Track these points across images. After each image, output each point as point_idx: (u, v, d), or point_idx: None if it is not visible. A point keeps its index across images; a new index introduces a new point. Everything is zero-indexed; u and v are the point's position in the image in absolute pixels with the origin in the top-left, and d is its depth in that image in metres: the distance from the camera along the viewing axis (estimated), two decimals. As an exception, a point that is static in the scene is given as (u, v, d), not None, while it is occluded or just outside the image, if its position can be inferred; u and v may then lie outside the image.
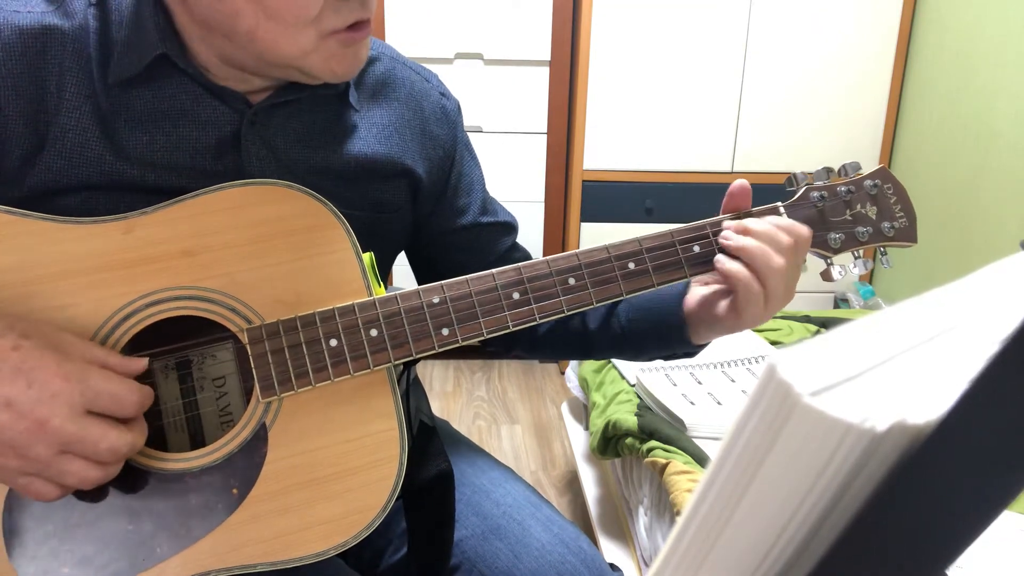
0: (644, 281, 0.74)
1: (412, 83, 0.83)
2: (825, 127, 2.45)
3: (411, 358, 0.68)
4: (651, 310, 0.82)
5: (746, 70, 2.40)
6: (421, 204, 0.84)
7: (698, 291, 0.78)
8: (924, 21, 2.34)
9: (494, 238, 0.90)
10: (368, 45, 0.71)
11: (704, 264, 0.75)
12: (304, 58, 0.66)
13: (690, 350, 0.83)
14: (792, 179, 0.79)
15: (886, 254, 0.83)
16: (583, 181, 2.48)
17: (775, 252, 0.71)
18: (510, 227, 0.92)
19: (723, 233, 0.74)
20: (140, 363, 0.62)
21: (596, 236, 2.50)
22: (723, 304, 0.75)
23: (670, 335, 0.81)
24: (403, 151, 0.80)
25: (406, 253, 0.91)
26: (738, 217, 0.76)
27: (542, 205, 2.62)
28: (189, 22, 0.68)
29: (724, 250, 0.74)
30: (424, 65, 0.89)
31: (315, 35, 0.65)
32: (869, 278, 2.63)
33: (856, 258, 0.81)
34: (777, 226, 0.73)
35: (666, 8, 2.33)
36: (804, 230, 0.74)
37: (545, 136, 2.55)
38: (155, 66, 0.68)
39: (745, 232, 0.73)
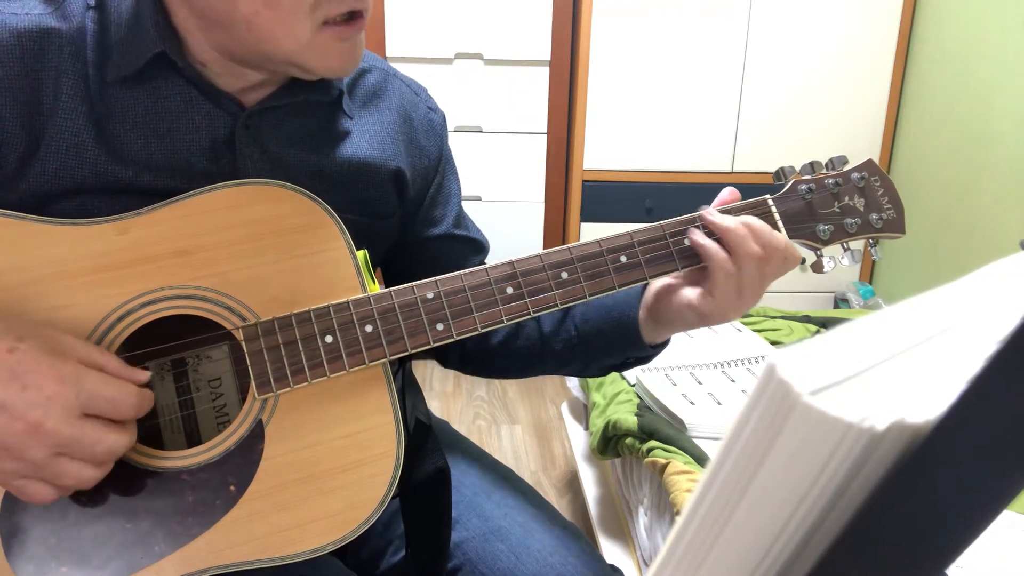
0: (636, 274, 0.74)
1: (402, 94, 0.84)
2: (825, 127, 2.45)
3: (406, 353, 0.68)
4: (605, 307, 0.81)
5: (746, 70, 2.40)
6: (404, 210, 0.85)
7: (656, 283, 0.78)
8: (924, 21, 2.34)
9: (463, 253, 0.89)
10: (363, 40, 0.71)
11: (695, 256, 0.75)
12: (300, 52, 0.67)
13: (643, 352, 0.81)
14: (780, 173, 0.80)
15: (876, 245, 0.84)
16: (583, 181, 2.47)
17: (754, 240, 0.71)
18: (480, 246, 0.92)
19: (706, 210, 0.74)
20: (140, 375, 0.61)
21: (596, 236, 2.49)
22: (689, 291, 0.74)
23: (623, 332, 0.79)
24: (395, 156, 0.81)
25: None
26: (727, 214, 0.76)
27: (542, 205, 2.62)
28: (187, 16, 0.68)
29: (705, 228, 0.74)
30: (424, 66, 0.90)
31: (311, 26, 0.65)
32: (869, 278, 2.63)
33: (845, 250, 0.82)
34: (762, 225, 0.73)
35: (666, 8, 2.33)
36: (783, 239, 0.73)
37: (545, 136, 2.54)
38: (152, 65, 0.68)
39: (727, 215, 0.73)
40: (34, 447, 0.55)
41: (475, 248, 0.91)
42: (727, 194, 0.78)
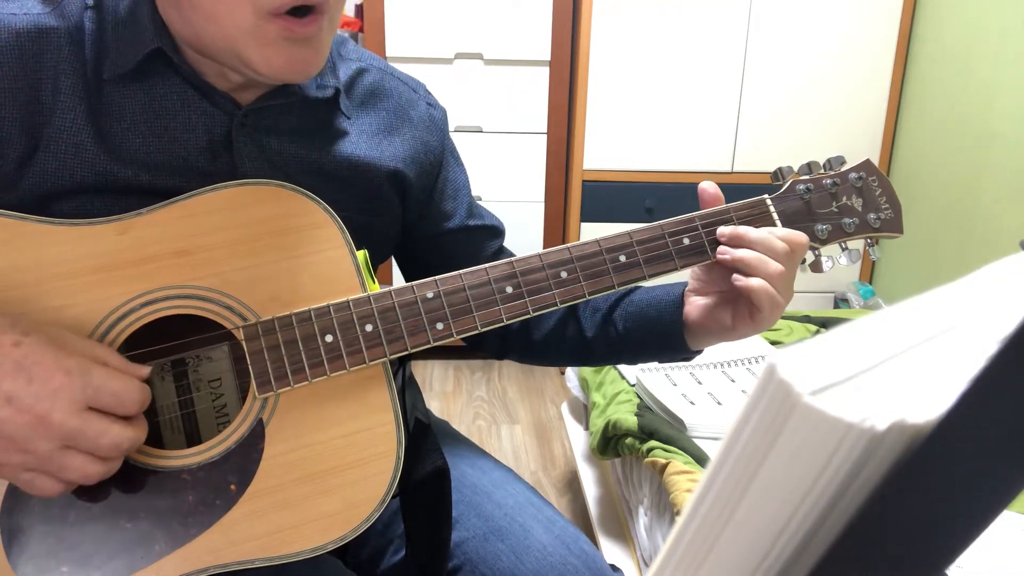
0: (635, 273, 0.75)
1: (400, 93, 0.84)
2: (825, 127, 2.45)
3: (406, 352, 0.68)
4: (649, 319, 0.82)
5: (746, 70, 2.39)
6: (409, 208, 0.85)
7: (698, 301, 0.79)
8: (924, 21, 2.34)
9: (481, 241, 0.91)
10: (320, 53, 0.68)
11: (694, 255, 0.76)
12: (240, 39, 0.64)
13: (688, 357, 0.85)
14: (778, 173, 0.81)
15: (874, 245, 0.85)
16: (583, 181, 2.47)
17: (771, 259, 0.72)
18: (497, 231, 0.93)
19: (719, 248, 0.75)
20: (142, 371, 0.61)
21: (596, 236, 2.49)
22: (730, 314, 0.76)
23: (668, 344, 0.82)
24: (393, 156, 0.81)
25: (395, 257, 0.92)
26: (726, 214, 0.77)
27: (542, 205, 2.62)
28: (162, 8, 0.68)
29: (722, 264, 0.75)
30: (424, 66, 0.90)
31: (252, 11, 0.63)
32: (869, 278, 2.63)
33: (843, 249, 0.83)
34: (773, 234, 0.73)
35: (666, 8, 2.33)
36: (801, 236, 0.74)
37: (545, 136, 2.54)
38: (149, 62, 0.68)
39: (739, 240, 0.74)
40: (40, 439, 0.55)
41: (491, 233, 0.92)
42: (709, 192, 0.78)
